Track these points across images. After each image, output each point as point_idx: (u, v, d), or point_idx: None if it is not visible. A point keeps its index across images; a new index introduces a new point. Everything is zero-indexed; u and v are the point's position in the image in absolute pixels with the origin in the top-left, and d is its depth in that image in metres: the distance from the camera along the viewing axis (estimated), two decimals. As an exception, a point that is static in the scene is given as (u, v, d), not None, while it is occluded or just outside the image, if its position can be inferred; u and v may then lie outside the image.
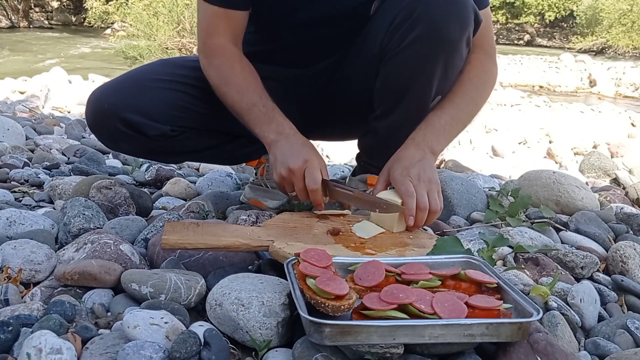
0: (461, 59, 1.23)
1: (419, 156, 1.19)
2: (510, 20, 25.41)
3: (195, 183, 1.81)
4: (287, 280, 0.90)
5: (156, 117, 1.26)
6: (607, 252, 1.35)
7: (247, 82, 1.24)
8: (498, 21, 24.57)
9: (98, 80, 6.78)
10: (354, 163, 1.54)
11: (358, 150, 1.48)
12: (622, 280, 1.19)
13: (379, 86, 1.28)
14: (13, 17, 20.34)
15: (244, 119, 1.25)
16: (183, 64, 1.36)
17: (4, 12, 20.17)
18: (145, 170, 1.91)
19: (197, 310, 0.97)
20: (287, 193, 1.22)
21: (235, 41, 1.29)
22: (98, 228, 1.24)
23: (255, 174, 1.61)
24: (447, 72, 1.22)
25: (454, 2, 1.14)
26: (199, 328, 0.84)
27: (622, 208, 1.71)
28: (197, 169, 2.32)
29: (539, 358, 0.79)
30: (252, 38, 1.33)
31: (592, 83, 11.87)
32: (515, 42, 24.96)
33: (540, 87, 11.80)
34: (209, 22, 1.27)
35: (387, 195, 1.18)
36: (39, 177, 1.80)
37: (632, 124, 6.34)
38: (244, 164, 1.65)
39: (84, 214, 1.25)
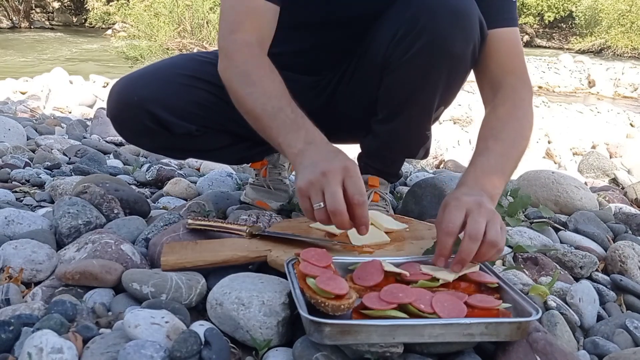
0: (465, 71, 1.20)
1: (475, 194, 0.97)
2: (510, 21, 25.37)
3: (195, 183, 1.81)
4: (287, 279, 0.90)
5: (184, 116, 1.24)
6: (606, 251, 1.35)
7: (275, 85, 1.08)
8: (498, 22, 24.50)
9: (99, 81, 6.78)
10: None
11: (359, 150, 1.48)
12: (621, 280, 1.20)
13: (382, 95, 1.27)
14: (14, 18, 20.36)
15: (264, 125, 1.05)
16: (208, 60, 1.31)
17: (5, 12, 20.19)
18: (146, 171, 1.91)
19: (198, 310, 0.97)
20: (305, 213, 0.97)
21: (261, 43, 1.15)
22: (88, 223, 1.24)
23: (256, 175, 1.61)
24: (450, 84, 1.21)
25: (459, 15, 1.11)
26: (200, 327, 0.85)
27: (620, 208, 1.72)
28: (198, 169, 2.33)
29: (538, 357, 0.80)
30: None
31: (591, 83, 11.86)
32: (515, 42, 24.91)
33: (540, 87, 11.78)
34: (234, 19, 1.15)
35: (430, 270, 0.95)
36: (40, 177, 1.81)
37: (631, 124, 6.34)
38: (247, 164, 1.64)
39: (69, 212, 1.25)
